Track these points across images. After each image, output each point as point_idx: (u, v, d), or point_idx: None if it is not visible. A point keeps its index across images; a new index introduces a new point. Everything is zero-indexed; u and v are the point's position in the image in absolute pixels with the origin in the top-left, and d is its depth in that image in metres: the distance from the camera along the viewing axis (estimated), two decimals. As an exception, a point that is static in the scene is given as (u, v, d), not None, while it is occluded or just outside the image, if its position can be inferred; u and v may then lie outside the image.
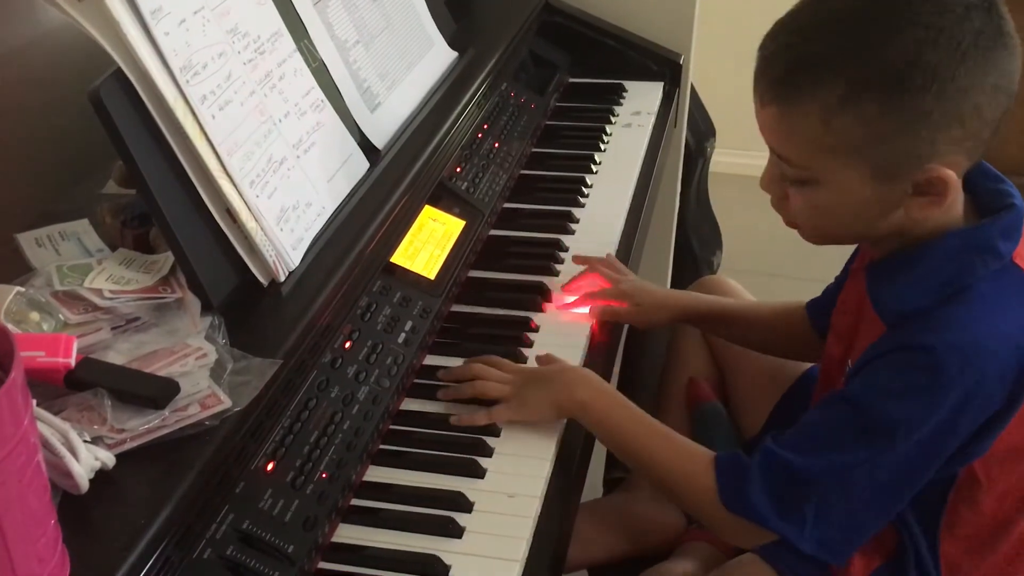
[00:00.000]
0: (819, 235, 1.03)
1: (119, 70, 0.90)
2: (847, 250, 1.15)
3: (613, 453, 1.10)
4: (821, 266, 1.24)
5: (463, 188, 1.36)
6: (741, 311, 1.31)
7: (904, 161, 0.92)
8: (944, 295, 0.94)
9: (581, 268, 1.31)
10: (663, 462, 1.04)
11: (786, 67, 0.95)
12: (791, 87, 0.94)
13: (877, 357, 0.95)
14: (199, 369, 0.87)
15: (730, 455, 1.01)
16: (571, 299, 1.27)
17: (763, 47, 0.97)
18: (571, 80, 1.82)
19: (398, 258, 1.18)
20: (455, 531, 0.92)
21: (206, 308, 0.94)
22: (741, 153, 2.74)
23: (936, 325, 0.93)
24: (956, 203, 0.97)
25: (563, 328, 1.22)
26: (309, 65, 1.16)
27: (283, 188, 1.04)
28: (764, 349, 1.32)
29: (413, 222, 1.23)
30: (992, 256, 0.95)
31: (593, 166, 1.56)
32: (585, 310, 1.25)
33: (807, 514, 0.96)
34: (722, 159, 2.42)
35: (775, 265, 2.48)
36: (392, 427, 1.05)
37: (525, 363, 1.15)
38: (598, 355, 1.20)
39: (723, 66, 2.55)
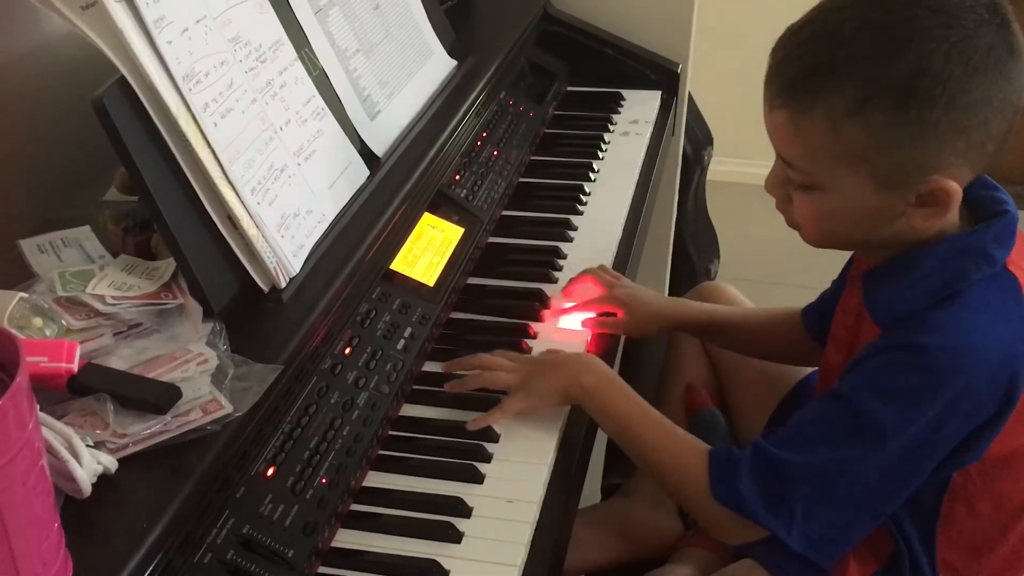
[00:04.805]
0: (820, 239, 1.04)
1: (122, 78, 0.91)
2: (845, 257, 1.16)
3: (614, 440, 1.12)
4: (819, 274, 1.25)
5: (462, 195, 1.37)
6: (735, 319, 1.31)
7: (909, 171, 0.93)
8: (937, 299, 0.95)
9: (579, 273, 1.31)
10: (659, 451, 1.06)
11: (799, 72, 0.95)
12: (802, 92, 0.95)
13: (869, 356, 0.96)
14: (200, 375, 0.88)
15: (724, 449, 1.02)
16: (568, 304, 1.27)
17: (776, 51, 0.98)
18: (569, 88, 1.83)
19: (397, 265, 1.18)
20: (454, 536, 0.93)
21: (207, 314, 0.95)
22: (739, 161, 2.76)
23: (928, 327, 0.94)
24: (953, 211, 0.98)
25: (561, 335, 1.22)
26: (310, 73, 1.17)
27: (284, 195, 1.05)
28: (761, 355, 1.32)
29: (412, 229, 1.24)
30: (985, 261, 0.96)
31: (591, 174, 1.57)
32: (579, 323, 1.25)
33: (796, 510, 0.96)
34: (720, 167, 2.43)
35: (772, 273, 2.49)
36: (391, 433, 1.06)
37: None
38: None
39: (721, 75, 2.56)
